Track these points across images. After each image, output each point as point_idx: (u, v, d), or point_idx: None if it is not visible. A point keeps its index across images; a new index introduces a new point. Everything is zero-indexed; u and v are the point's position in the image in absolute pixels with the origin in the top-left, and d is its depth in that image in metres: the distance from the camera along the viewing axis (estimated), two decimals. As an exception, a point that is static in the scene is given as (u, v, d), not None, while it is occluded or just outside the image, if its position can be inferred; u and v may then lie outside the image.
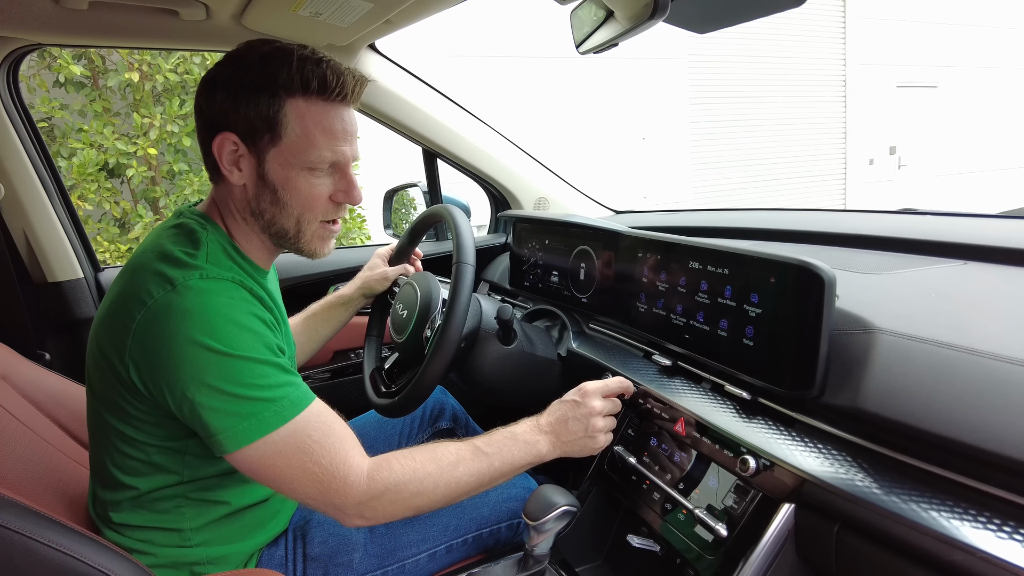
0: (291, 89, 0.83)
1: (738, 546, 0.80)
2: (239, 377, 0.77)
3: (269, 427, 0.78)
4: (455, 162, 1.72)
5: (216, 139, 0.85)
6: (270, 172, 0.86)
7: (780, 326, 0.82)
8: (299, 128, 0.84)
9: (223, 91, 0.85)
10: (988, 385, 0.63)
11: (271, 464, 0.80)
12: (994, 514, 0.59)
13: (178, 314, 0.77)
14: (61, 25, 1.17)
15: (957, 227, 1.14)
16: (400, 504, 0.86)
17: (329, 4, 1.06)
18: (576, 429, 0.97)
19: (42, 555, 0.70)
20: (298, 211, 0.88)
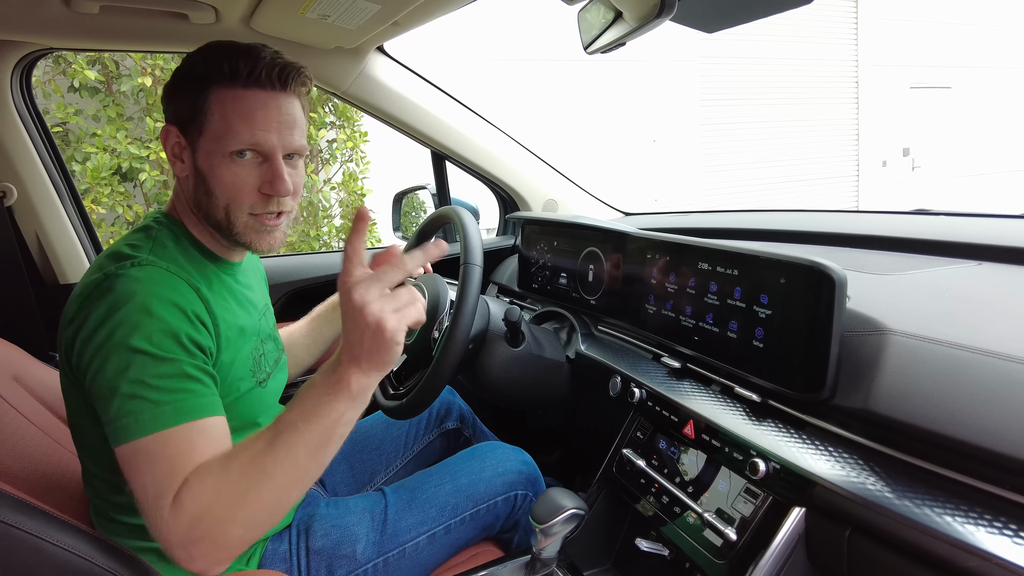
0: (211, 78, 0.84)
1: (748, 551, 0.79)
2: (133, 372, 0.73)
3: (143, 429, 0.72)
4: (464, 164, 1.72)
5: (163, 133, 0.89)
6: (200, 161, 0.87)
7: (790, 327, 0.81)
8: (219, 114, 0.84)
9: (167, 88, 0.89)
10: (1003, 387, 0.61)
11: (128, 468, 0.72)
12: (1010, 519, 0.57)
13: (96, 299, 0.77)
14: (72, 29, 1.18)
15: (971, 227, 1.12)
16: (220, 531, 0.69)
17: (337, 6, 1.06)
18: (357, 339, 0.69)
19: (49, 554, 0.70)
20: (224, 201, 0.87)
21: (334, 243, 4.61)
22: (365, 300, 0.67)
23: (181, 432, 0.73)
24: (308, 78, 0.91)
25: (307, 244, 4.41)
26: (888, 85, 9.37)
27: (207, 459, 0.72)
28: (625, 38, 0.82)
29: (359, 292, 0.68)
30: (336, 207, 4.66)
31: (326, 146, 4.49)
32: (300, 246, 4.39)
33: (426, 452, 1.36)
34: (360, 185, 4.52)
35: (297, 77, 0.88)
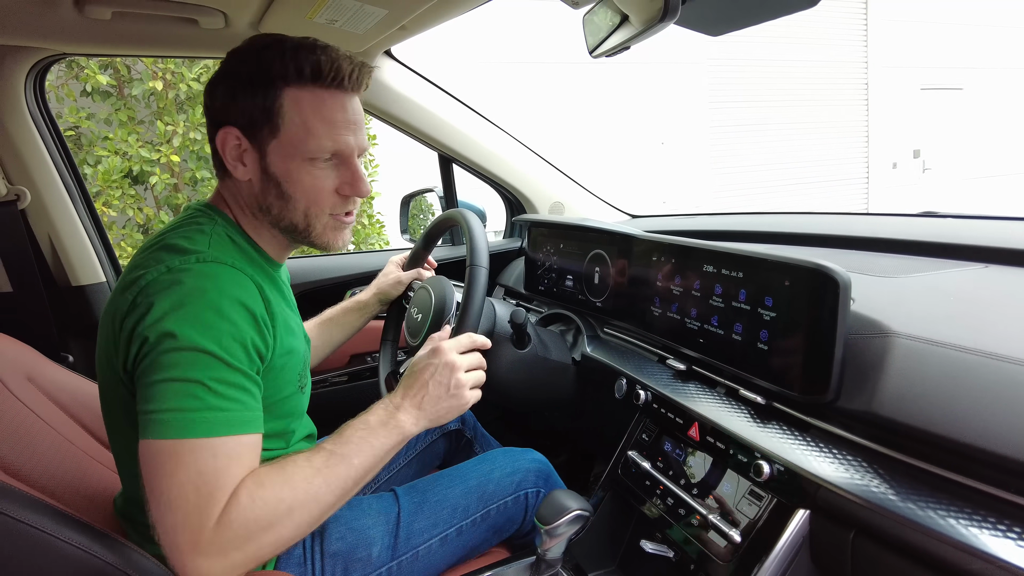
0: (286, 78, 0.81)
1: (752, 553, 0.79)
2: (196, 371, 0.72)
3: (197, 430, 0.71)
4: (471, 167, 1.73)
5: (219, 134, 0.84)
6: (272, 165, 0.84)
7: (795, 330, 0.81)
8: (297, 118, 0.82)
9: (223, 86, 0.84)
10: (1007, 389, 0.61)
11: (160, 465, 0.71)
12: (1014, 522, 0.57)
13: (163, 291, 0.74)
14: (85, 35, 1.20)
15: (979, 230, 1.11)
16: (256, 546, 0.72)
17: (344, 11, 1.07)
18: (437, 392, 0.88)
19: (64, 553, 0.71)
20: (304, 205, 0.86)
21: (343, 245, 4.63)
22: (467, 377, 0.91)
23: (230, 443, 0.73)
24: (370, 78, 0.90)
25: (315, 246, 4.43)
26: (899, 87, 9.31)
27: (253, 475, 0.74)
28: (630, 42, 0.83)
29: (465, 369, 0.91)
30: (345, 210, 4.68)
31: (335, 149, 4.52)
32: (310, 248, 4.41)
33: (428, 452, 1.37)
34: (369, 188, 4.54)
35: (369, 77, 0.88)
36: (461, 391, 0.89)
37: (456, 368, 0.89)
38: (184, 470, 0.70)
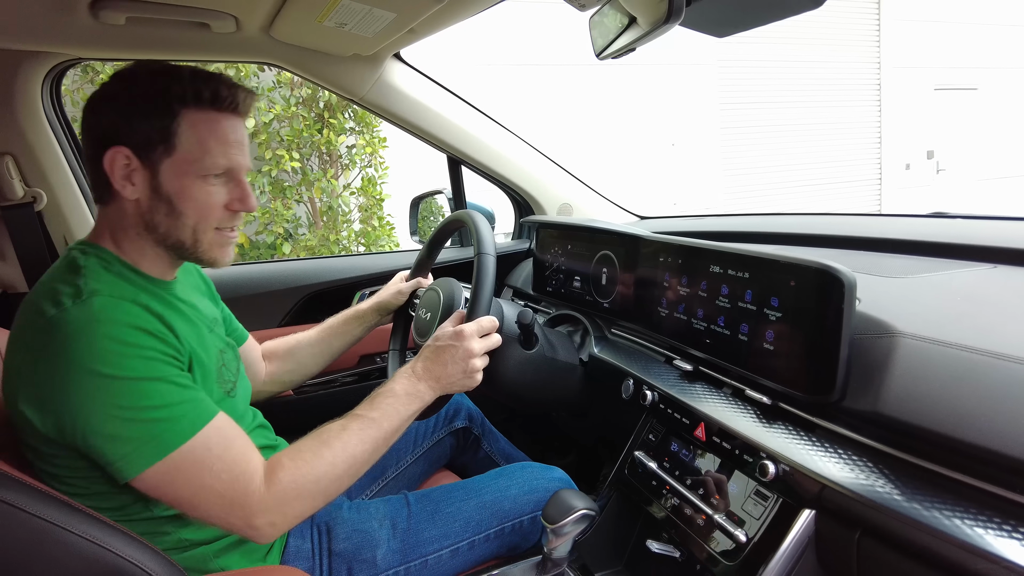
0: (184, 101, 0.85)
1: (758, 552, 0.79)
2: (130, 400, 0.75)
3: (168, 448, 0.76)
4: (479, 169, 1.74)
5: (107, 154, 0.84)
6: (165, 183, 0.86)
7: (800, 330, 0.81)
8: (193, 138, 0.85)
9: (112, 106, 0.86)
10: (1013, 389, 0.61)
11: (171, 483, 0.78)
12: (1020, 523, 0.57)
13: (59, 343, 0.75)
14: (99, 40, 1.22)
15: (989, 230, 1.11)
16: (307, 500, 0.85)
17: (353, 15, 1.08)
18: (454, 372, 1.00)
19: (76, 545, 0.73)
20: (194, 220, 0.88)
21: (353, 247, 4.66)
22: (480, 363, 1.02)
23: (206, 433, 0.80)
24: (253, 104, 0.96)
25: (327, 248, 4.46)
26: (911, 87, 9.24)
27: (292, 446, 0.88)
28: (635, 43, 0.83)
29: (480, 355, 1.02)
30: (355, 212, 4.71)
31: (345, 151, 4.55)
32: (320, 250, 4.44)
33: (436, 449, 1.37)
34: (379, 190, 4.57)
35: (252, 103, 0.93)
36: (474, 375, 1.02)
37: (474, 354, 1.01)
38: (199, 473, 0.78)
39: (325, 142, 4.31)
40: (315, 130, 4.30)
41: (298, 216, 4.55)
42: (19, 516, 0.71)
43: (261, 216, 4.26)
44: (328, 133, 4.29)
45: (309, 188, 4.43)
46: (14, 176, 1.40)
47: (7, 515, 0.70)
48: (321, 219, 4.57)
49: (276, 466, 0.84)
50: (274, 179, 4.31)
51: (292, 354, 1.31)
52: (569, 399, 1.31)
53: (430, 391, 0.99)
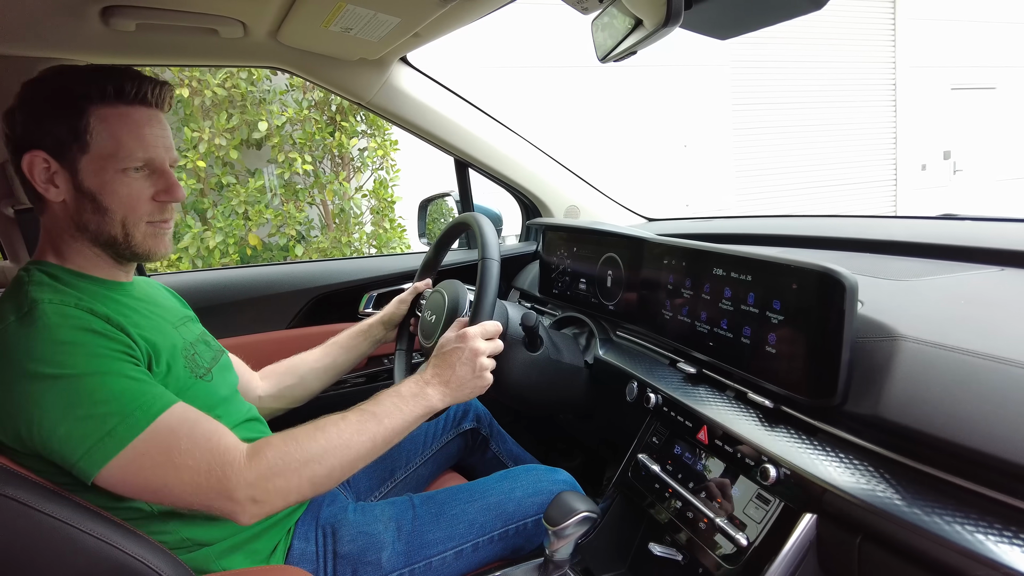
0: (90, 98, 0.85)
1: (759, 556, 0.79)
2: (80, 397, 0.76)
3: (126, 438, 0.76)
4: (486, 171, 1.74)
5: (25, 159, 0.85)
6: (86, 181, 0.86)
7: (802, 333, 0.81)
8: (105, 132, 0.86)
9: (23, 112, 0.86)
10: (1015, 394, 0.61)
11: (139, 473, 0.77)
12: (1021, 528, 0.57)
13: (5, 355, 0.76)
14: (110, 46, 1.24)
15: (998, 232, 1.10)
16: (292, 478, 0.82)
17: (359, 19, 1.09)
18: (464, 373, 0.99)
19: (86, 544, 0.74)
20: (121, 215, 0.88)
21: (365, 249, 4.69)
22: (488, 363, 1.01)
23: (166, 420, 0.79)
24: (174, 96, 0.95)
25: (338, 250, 4.49)
26: (928, 87, 9.13)
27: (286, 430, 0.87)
28: (636, 46, 0.84)
29: (487, 354, 1.01)
30: (367, 214, 4.74)
31: (357, 154, 4.58)
32: (332, 252, 4.47)
33: (444, 451, 1.38)
34: (390, 192, 4.60)
35: (170, 95, 0.93)
36: (484, 374, 1.01)
37: (480, 353, 1.00)
38: (165, 457, 0.78)
39: (337, 145, 4.34)
40: (327, 133, 4.33)
41: (311, 218, 4.58)
42: (29, 513, 0.72)
43: (274, 218, 4.30)
44: (340, 136, 4.32)
45: (321, 191, 4.46)
46: (28, 180, 1.43)
47: (17, 512, 0.72)
48: (333, 221, 4.61)
49: (265, 444, 0.83)
50: (286, 181, 4.34)
51: (293, 370, 1.28)
52: (574, 401, 1.31)
53: (438, 395, 0.98)
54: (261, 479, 0.81)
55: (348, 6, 1.03)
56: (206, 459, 0.79)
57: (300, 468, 0.83)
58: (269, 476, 0.81)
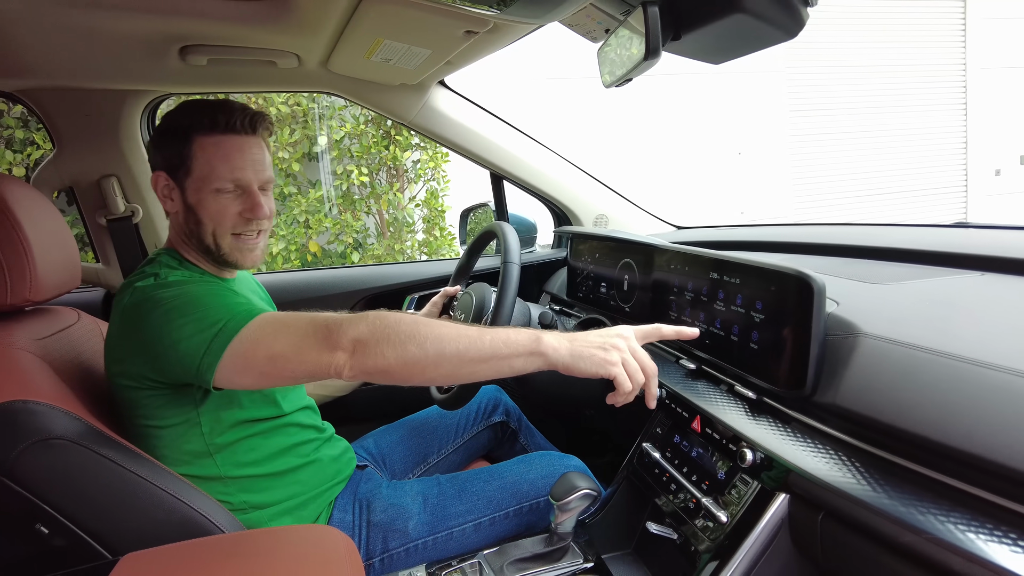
0: (193, 128, 1.03)
1: (737, 532, 0.87)
2: (194, 307, 0.92)
3: (235, 329, 0.90)
4: (520, 183, 1.87)
5: (153, 177, 1.07)
6: (189, 198, 1.05)
7: (778, 331, 0.89)
8: (202, 158, 1.03)
9: (153, 140, 1.08)
10: (949, 383, 0.68)
11: (254, 352, 0.89)
12: (943, 500, 0.64)
13: (141, 301, 0.95)
14: (187, 78, 1.43)
15: (999, 239, 1.14)
16: (392, 343, 0.86)
17: (396, 52, 1.23)
18: (594, 339, 0.92)
19: (159, 496, 0.91)
20: (212, 227, 1.06)
21: (417, 255, 4.89)
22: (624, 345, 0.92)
23: (265, 315, 0.93)
24: (271, 123, 1.11)
25: (392, 257, 4.70)
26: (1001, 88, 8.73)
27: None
28: (630, 74, 0.94)
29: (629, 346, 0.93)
30: (419, 223, 4.95)
31: (411, 166, 4.79)
32: (386, 258, 4.69)
33: (474, 441, 1.50)
34: (441, 202, 4.78)
35: (263, 123, 1.09)
36: (610, 350, 0.91)
37: (625, 336, 0.93)
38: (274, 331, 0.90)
39: (392, 158, 4.56)
40: (382, 146, 4.55)
41: (367, 227, 4.82)
42: (117, 470, 0.89)
43: (332, 227, 4.54)
44: (394, 149, 4.54)
45: (377, 201, 4.69)
46: (118, 194, 1.64)
47: (108, 469, 0.89)
48: (388, 230, 4.83)
49: (370, 312, 0.90)
50: (344, 192, 4.59)
51: None
52: (592, 397, 1.40)
53: (554, 344, 0.90)
54: (361, 320, 0.88)
55: (385, 41, 1.17)
56: (310, 322, 0.89)
57: (404, 340, 0.86)
58: (373, 334, 0.86)
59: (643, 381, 0.92)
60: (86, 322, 1.19)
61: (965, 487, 0.63)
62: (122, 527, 0.89)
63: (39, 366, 0.95)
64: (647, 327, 0.98)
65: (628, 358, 0.91)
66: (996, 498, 0.60)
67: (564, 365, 0.90)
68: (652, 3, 0.78)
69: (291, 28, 1.17)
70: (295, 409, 1.17)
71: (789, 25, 0.83)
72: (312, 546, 0.86)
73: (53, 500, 0.86)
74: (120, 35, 1.18)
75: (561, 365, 0.90)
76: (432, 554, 1.13)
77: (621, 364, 0.90)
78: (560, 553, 1.05)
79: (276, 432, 1.12)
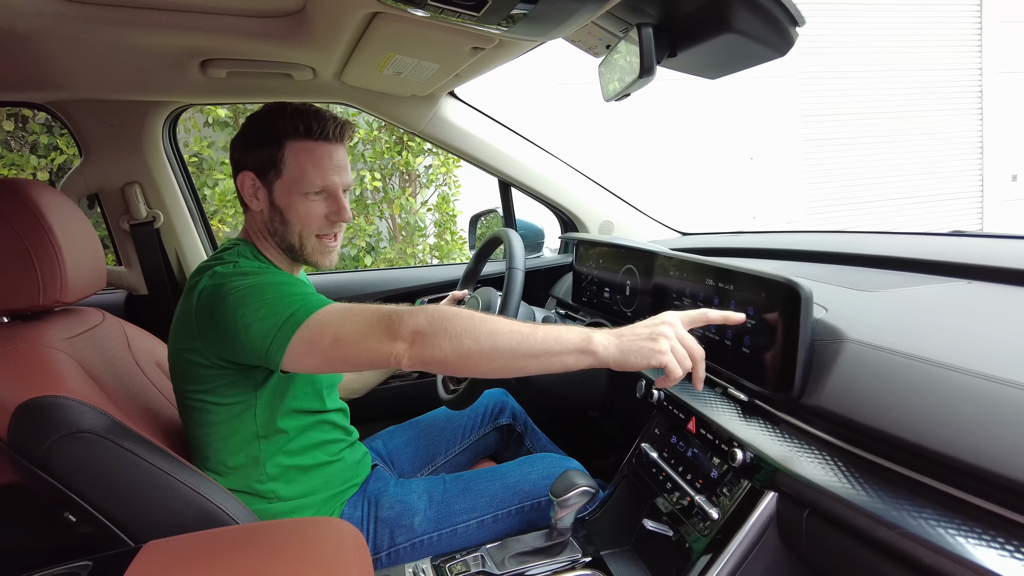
0: (286, 134, 1.08)
1: (727, 529, 0.91)
2: (269, 294, 0.98)
3: (305, 315, 0.94)
4: (527, 191, 1.91)
5: (239, 177, 1.13)
6: (277, 199, 1.11)
7: (768, 335, 0.93)
8: (294, 163, 1.09)
9: (242, 141, 1.13)
10: (922, 387, 0.71)
11: (321, 337, 0.93)
12: (916, 496, 0.68)
13: (219, 284, 1.01)
14: (207, 89, 1.50)
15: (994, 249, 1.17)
16: (449, 336, 0.89)
17: (406, 65, 1.29)
18: (641, 331, 0.92)
19: (178, 489, 0.96)
20: (299, 228, 1.12)
21: (428, 259, 4.95)
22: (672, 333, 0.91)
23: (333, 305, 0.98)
24: (354, 130, 1.17)
25: (404, 261, 4.77)
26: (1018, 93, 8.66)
27: None
28: (628, 89, 0.98)
29: (676, 333, 0.92)
30: (431, 227, 5.01)
31: (423, 171, 4.85)
32: (398, 262, 4.75)
33: (481, 443, 1.54)
34: (452, 207, 4.84)
35: (349, 131, 1.14)
36: (659, 339, 0.90)
37: (667, 323, 0.93)
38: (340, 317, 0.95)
39: (404, 163, 4.63)
40: (395, 152, 4.62)
41: (379, 231, 4.89)
42: (140, 463, 0.95)
43: (346, 231, 4.62)
44: (407, 155, 4.60)
45: (390, 205, 4.75)
46: (140, 200, 1.71)
47: (131, 462, 0.94)
48: (400, 234, 4.89)
49: (429, 306, 0.97)
50: (358, 197, 4.66)
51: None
52: (595, 398, 1.45)
53: (604, 341, 0.91)
54: (425, 324, 0.90)
55: (396, 56, 1.22)
56: (375, 312, 0.94)
57: (460, 333, 0.90)
58: (432, 325, 0.90)
59: (691, 366, 0.92)
60: (110, 322, 1.25)
61: (936, 484, 0.67)
62: (144, 516, 0.95)
63: (69, 363, 1.01)
64: (694, 312, 0.96)
65: (676, 345, 0.91)
66: (963, 494, 0.64)
67: (616, 362, 0.90)
68: (646, 24, 0.83)
69: (307, 43, 1.23)
70: (333, 409, 1.25)
71: (778, 44, 0.87)
72: (323, 538, 0.91)
73: (81, 490, 0.91)
74: (145, 50, 1.24)
75: (612, 362, 0.91)
76: (436, 549, 1.17)
77: (670, 352, 0.90)
78: (559, 548, 1.09)
79: (315, 427, 1.20)
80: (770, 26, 0.84)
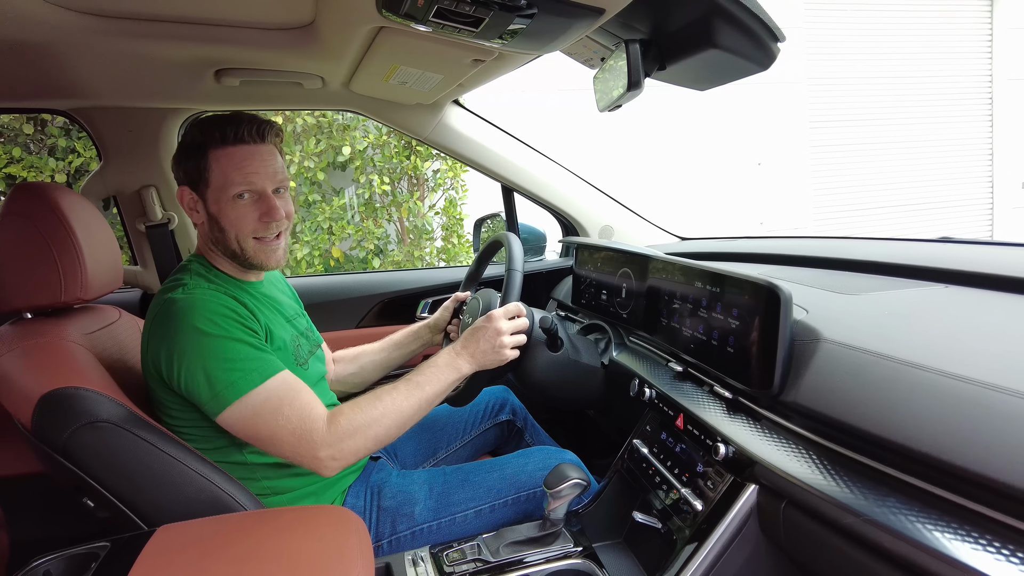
0: (208, 143, 1.11)
1: (710, 520, 0.95)
2: (218, 352, 1.02)
3: (244, 389, 1.01)
4: (529, 196, 1.96)
5: (178, 192, 1.16)
6: (211, 208, 1.14)
7: (751, 335, 0.97)
8: (217, 170, 1.11)
9: (176, 158, 1.17)
10: (889, 384, 0.76)
11: (252, 423, 1.03)
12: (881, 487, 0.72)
13: (170, 314, 1.05)
14: (220, 97, 1.56)
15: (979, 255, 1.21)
16: (359, 439, 1.07)
17: (411, 76, 1.34)
18: (485, 347, 1.22)
19: (190, 476, 1.01)
20: (234, 233, 1.14)
21: (436, 262, 5.01)
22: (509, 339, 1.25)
23: (275, 383, 1.05)
24: (280, 130, 1.19)
25: (411, 263, 4.83)
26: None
27: (352, 400, 1.11)
28: (620, 101, 1.03)
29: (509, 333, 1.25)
30: (438, 230, 5.07)
31: (431, 175, 4.92)
32: (405, 264, 4.82)
33: (481, 438, 1.59)
34: (459, 210, 4.90)
35: (271, 131, 1.17)
36: (503, 350, 1.24)
37: (501, 332, 1.23)
38: (272, 414, 1.03)
39: (413, 167, 4.69)
40: (404, 157, 4.69)
41: (388, 234, 4.96)
42: (154, 452, 1.00)
43: (355, 234, 4.69)
44: (415, 159, 4.67)
45: (398, 209, 4.82)
46: (156, 203, 1.78)
47: (146, 450, 1.00)
48: (408, 237, 4.96)
49: (337, 412, 1.08)
50: (367, 200, 4.73)
51: (357, 359, 1.56)
52: (591, 397, 1.49)
53: (467, 364, 1.22)
54: (337, 441, 1.05)
55: (401, 67, 1.28)
56: (301, 424, 1.04)
57: (365, 430, 1.08)
58: (343, 438, 1.06)
59: (525, 339, 1.29)
60: (126, 319, 1.32)
61: (899, 475, 0.71)
62: (158, 502, 1.00)
63: (88, 357, 1.07)
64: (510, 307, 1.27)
65: (509, 339, 1.24)
66: (923, 484, 0.68)
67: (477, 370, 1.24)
68: (633, 41, 0.88)
69: (316, 54, 1.28)
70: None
71: (761, 58, 0.92)
72: (327, 524, 0.96)
73: (99, 476, 0.97)
74: (163, 60, 1.30)
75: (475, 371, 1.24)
76: (436, 537, 1.22)
77: (510, 347, 1.25)
78: (552, 538, 1.14)
79: None
80: (752, 42, 0.89)
